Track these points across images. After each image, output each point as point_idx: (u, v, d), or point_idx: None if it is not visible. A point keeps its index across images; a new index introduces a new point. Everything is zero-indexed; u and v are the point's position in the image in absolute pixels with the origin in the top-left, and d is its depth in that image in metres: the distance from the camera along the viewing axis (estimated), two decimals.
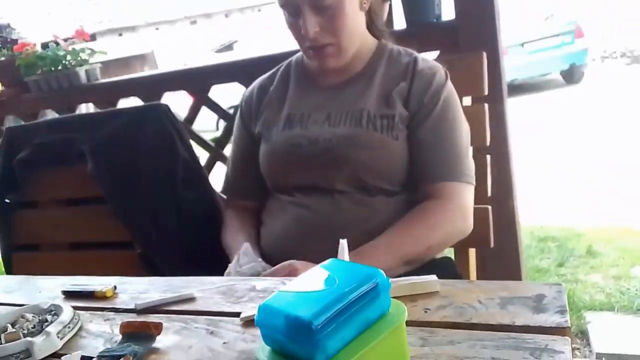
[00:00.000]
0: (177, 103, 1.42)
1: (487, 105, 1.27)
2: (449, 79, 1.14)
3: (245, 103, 1.28)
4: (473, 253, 1.35)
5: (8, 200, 1.62)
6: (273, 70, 1.28)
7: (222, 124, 2.01)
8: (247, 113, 1.26)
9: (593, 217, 3.19)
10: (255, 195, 1.25)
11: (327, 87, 1.17)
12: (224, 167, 1.79)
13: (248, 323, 0.71)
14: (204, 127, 2.51)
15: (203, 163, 1.73)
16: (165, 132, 1.37)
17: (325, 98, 1.16)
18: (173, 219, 1.35)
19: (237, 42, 16.65)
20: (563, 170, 4.15)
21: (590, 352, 1.87)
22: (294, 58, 1.26)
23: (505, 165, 1.46)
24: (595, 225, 3.06)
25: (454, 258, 1.30)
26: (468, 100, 1.33)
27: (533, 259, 2.73)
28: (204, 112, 2.00)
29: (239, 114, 1.29)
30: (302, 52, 1.18)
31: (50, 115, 2.33)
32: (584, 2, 9.09)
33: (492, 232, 1.26)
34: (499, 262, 1.44)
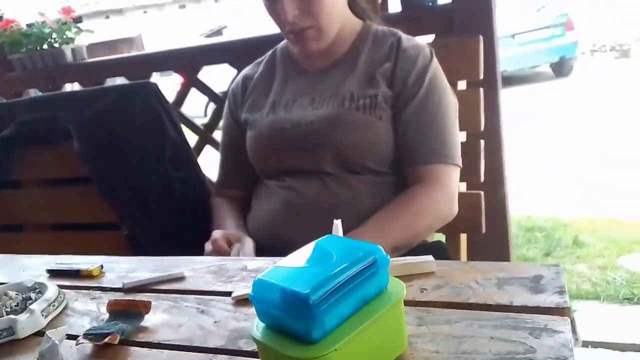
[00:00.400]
0: (166, 89, 1.38)
1: (482, 90, 1.26)
2: (435, 58, 1.12)
3: (232, 92, 1.28)
4: (464, 238, 1.35)
5: None
6: (259, 59, 1.28)
7: (210, 110, 1.97)
8: (233, 102, 1.27)
9: (580, 207, 3.22)
10: (246, 184, 1.24)
11: (312, 72, 1.17)
12: (213, 150, 1.77)
13: (240, 302, 0.70)
14: (192, 112, 2.46)
15: (192, 146, 1.70)
16: (154, 111, 1.34)
17: (310, 83, 1.15)
18: (161, 200, 1.33)
19: (226, 27, 16.48)
20: (551, 162, 4.18)
21: (577, 340, 1.90)
22: (280, 45, 1.26)
23: (498, 152, 1.46)
24: (582, 216, 3.09)
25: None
26: (463, 85, 1.32)
27: (520, 249, 2.75)
28: (192, 97, 1.95)
29: (227, 104, 1.29)
30: (284, 37, 1.17)
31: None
32: None
33: (483, 217, 1.26)
34: (489, 247, 1.44)
